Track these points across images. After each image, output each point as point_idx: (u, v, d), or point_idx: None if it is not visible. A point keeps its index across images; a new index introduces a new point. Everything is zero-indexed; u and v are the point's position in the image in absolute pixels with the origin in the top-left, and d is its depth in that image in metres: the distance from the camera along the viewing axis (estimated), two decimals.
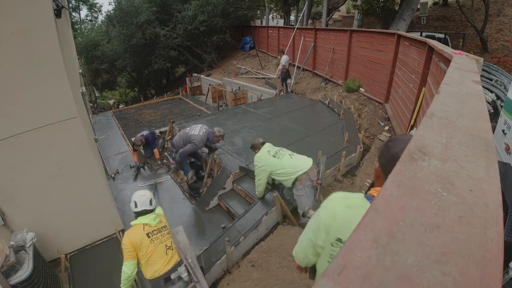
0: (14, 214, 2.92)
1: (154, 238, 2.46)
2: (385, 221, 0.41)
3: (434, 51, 3.84)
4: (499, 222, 0.42)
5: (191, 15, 13.26)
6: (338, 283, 0.33)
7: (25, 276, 2.46)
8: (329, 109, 7.38)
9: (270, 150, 3.46)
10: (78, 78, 5.64)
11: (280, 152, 3.44)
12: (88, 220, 3.44)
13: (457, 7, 12.02)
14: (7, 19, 2.40)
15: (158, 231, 2.53)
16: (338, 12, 18.05)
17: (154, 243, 2.46)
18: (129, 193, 5.00)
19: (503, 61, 9.86)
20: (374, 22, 12.08)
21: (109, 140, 7.60)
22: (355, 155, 4.89)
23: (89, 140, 3.45)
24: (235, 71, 13.39)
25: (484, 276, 0.34)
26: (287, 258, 2.91)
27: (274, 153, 3.41)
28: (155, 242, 2.46)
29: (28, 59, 2.59)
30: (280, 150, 3.47)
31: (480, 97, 1.10)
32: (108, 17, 16.30)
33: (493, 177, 0.52)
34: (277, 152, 3.43)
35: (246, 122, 6.77)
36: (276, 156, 3.38)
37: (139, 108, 11.47)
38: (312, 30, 9.81)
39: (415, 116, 4.27)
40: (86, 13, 26.72)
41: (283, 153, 3.42)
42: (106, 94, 23.48)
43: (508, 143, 3.01)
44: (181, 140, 4.42)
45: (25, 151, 2.81)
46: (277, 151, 3.45)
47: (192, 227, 4.10)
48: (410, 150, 0.60)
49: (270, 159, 3.38)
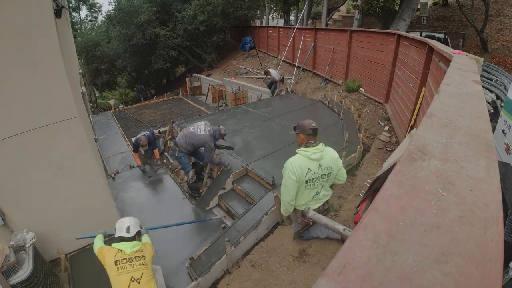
0: (14, 214, 2.92)
1: (120, 267, 2.38)
2: (385, 221, 0.41)
3: (434, 51, 3.84)
4: (499, 222, 0.42)
5: (191, 15, 13.26)
6: (338, 283, 0.33)
7: (25, 276, 2.46)
8: (329, 109, 7.38)
9: (311, 171, 2.48)
10: (78, 78, 5.64)
11: (315, 183, 2.55)
12: (88, 220, 3.44)
13: (457, 7, 12.01)
14: (7, 19, 2.40)
15: (129, 260, 2.41)
16: (338, 12, 18.05)
17: (119, 271, 2.37)
18: (129, 193, 5.01)
19: (503, 61, 9.86)
20: (374, 22, 12.08)
21: (109, 140, 7.61)
22: (355, 155, 4.89)
23: (89, 140, 3.45)
24: (235, 71, 13.38)
25: (484, 276, 0.34)
26: (287, 258, 2.91)
27: (310, 179, 2.50)
28: (120, 271, 2.37)
29: (28, 59, 2.59)
30: (317, 181, 2.55)
31: (480, 97, 1.10)
32: (108, 17, 16.30)
33: (493, 177, 0.52)
34: (312, 181, 2.53)
35: (246, 122, 6.77)
36: (307, 184, 2.52)
37: (139, 108, 11.47)
38: (312, 30, 9.81)
39: (415, 116, 4.26)
40: (86, 13, 26.74)
41: (315, 187, 2.59)
42: (106, 94, 23.47)
43: (508, 143, 3.01)
44: (185, 139, 4.41)
45: (25, 151, 2.81)
46: (314, 180, 2.53)
47: (192, 227, 4.10)
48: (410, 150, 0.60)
49: (301, 179, 2.47)
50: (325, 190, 2.69)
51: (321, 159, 2.51)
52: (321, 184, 2.61)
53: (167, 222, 4.15)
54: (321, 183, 2.59)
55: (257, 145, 5.41)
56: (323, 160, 2.52)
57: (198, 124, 4.51)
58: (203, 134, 4.34)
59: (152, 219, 4.14)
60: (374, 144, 5.34)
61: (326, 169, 2.54)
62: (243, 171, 4.67)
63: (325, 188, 2.67)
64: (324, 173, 2.54)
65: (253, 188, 4.36)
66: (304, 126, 2.56)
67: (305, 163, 2.45)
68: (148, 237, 2.83)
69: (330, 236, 2.94)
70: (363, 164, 4.78)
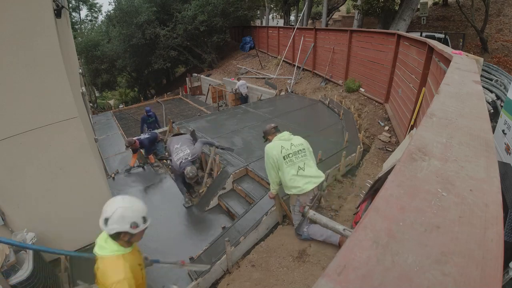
0: (14, 214, 2.92)
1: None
2: (385, 221, 0.41)
3: (434, 51, 3.84)
4: (499, 222, 0.42)
5: (191, 15, 13.27)
6: (338, 283, 0.33)
7: (25, 276, 2.46)
8: (329, 109, 7.38)
9: (284, 148, 2.91)
10: (78, 78, 5.64)
11: (292, 158, 2.91)
12: (88, 220, 3.43)
13: (457, 7, 12.01)
14: (7, 19, 2.40)
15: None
16: (338, 12, 18.06)
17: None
18: (129, 193, 5.00)
19: (503, 61, 9.86)
20: (374, 22, 12.08)
21: (109, 140, 7.61)
22: (355, 155, 4.89)
23: (89, 140, 3.44)
24: (235, 71, 13.38)
25: (484, 276, 0.34)
26: (287, 258, 2.91)
27: (286, 155, 2.90)
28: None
29: (28, 59, 2.58)
30: (294, 156, 2.92)
31: (480, 97, 1.10)
32: (108, 17, 16.33)
33: (493, 177, 0.52)
34: (289, 156, 2.91)
35: (246, 122, 6.77)
36: (286, 160, 2.89)
37: (139, 108, 11.48)
38: (312, 30, 9.81)
39: (415, 116, 4.26)
40: (86, 13, 26.79)
41: (295, 162, 2.91)
42: (106, 94, 23.49)
43: (508, 143, 3.01)
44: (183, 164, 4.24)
45: (25, 151, 2.80)
46: (290, 155, 2.91)
47: (192, 227, 4.10)
48: (410, 150, 0.60)
49: (279, 157, 2.88)
50: (309, 166, 2.97)
51: (291, 139, 3.03)
52: (301, 160, 2.95)
53: (167, 221, 4.15)
54: (300, 158, 2.95)
55: (257, 145, 5.41)
56: (293, 139, 3.04)
57: (180, 149, 4.39)
58: (194, 148, 4.37)
59: (152, 219, 4.13)
60: (374, 144, 5.35)
61: (298, 146, 3.00)
62: (243, 171, 4.67)
63: (308, 164, 2.97)
64: (298, 149, 2.98)
65: (253, 188, 4.36)
66: (267, 129, 3.20)
67: (278, 144, 2.96)
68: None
69: (327, 240, 2.94)
70: (363, 164, 4.78)
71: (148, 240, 3.65)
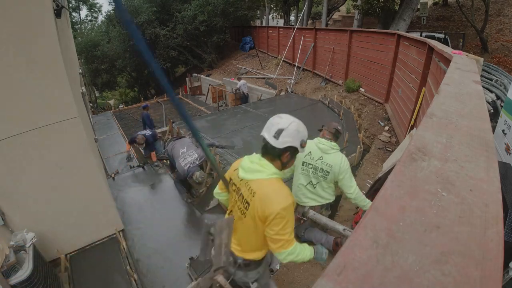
0: (14, 214, 2.92)
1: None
2: (385, 221, 0.41)
3: (434, 51, 3.84)
4: (499, 222, 0.42)
5: (191, 15, 13.27)
6: (338, 283, 0.33)
7: (25, 276, 2.46)
8: (329, 109, 7.38)
9: (311, 155, 2.64)
10: (78, 78, 5.64)
11: (309, 171, 2.65)
12: (88, 220, 3.44)
13: (457, 7, 12.01)
14: (7, 18, 2.40)
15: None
16: (338, 12, 18.06)
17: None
18: (129, 193, 5.00)
19: (503, 61, 9.86)
20: (374, 22, 12.08)
21: (109, 140, 7.61)
22: (355, 155, 4.89)
23: (89, 140, 3.44)
24: (235, 71, 13.38)
25: (484, 276, 0.34)
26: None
27: (306, 162, 2.66)
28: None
29: (28, 59, 2.58)
30: (312, 170, 2.64)
31: (480, 97, 1.10)
32: (108, 17, 16.34)
33: (493, 177, 0.52)
34: (308, 166, 2.65)
35: (246, 122, 6.77)
36: (303, 166, 2.67)
37: (139, 108, 11.48)
38: (312, 30, 9.81)
39: (415, 116, 4.26)
40: (86, 13, 26.76)
41: (309, 176, 2.68)
42: (106, 94, 23.49)
43: (508, 143, 3.01)
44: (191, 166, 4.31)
45: (25, 151, 2.80)
46: (310, 166, 2.64)
47: (192, 227, 4.10)
48: (410, 150, 0.60)
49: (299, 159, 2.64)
50: (322, 188, 2.68)
51: (326, 154, 2.57)
52: (316, 178, 2.64)
53: (167, 221, 4.14)
54: (317, 176, 2.63)
55: (257, 145, 5.41)
56: (327, 156, 2.57)
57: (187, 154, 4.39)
58: (200, 151, 4.35)
59: (152, 219, 4.14)
60: (374, 144, 5.35)
61: (325, 165, 2.57)
62: None
63: (321, 185, 2.67)
64: (322, 167, 2.58)
65: None
66: (331, 124, 2.77)
67: (311, 146, 2.60)
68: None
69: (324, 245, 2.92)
70: (363, 164, 4.78)
71: (148, 240, 3.66)
